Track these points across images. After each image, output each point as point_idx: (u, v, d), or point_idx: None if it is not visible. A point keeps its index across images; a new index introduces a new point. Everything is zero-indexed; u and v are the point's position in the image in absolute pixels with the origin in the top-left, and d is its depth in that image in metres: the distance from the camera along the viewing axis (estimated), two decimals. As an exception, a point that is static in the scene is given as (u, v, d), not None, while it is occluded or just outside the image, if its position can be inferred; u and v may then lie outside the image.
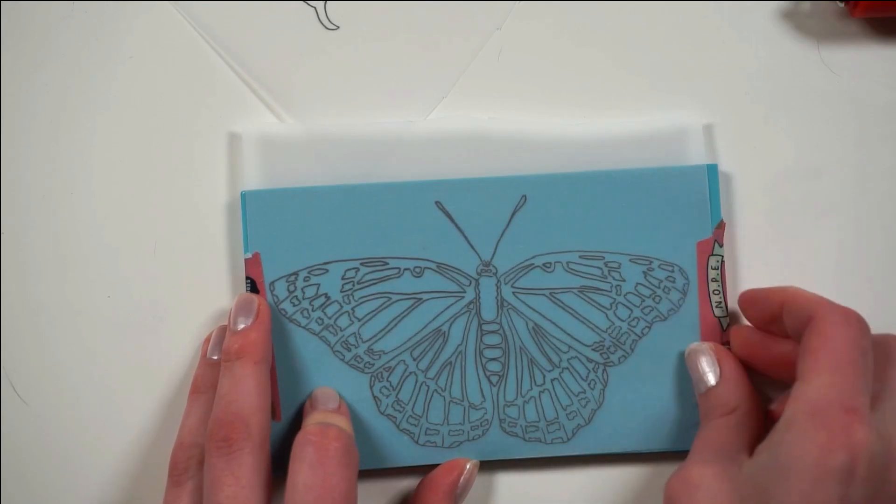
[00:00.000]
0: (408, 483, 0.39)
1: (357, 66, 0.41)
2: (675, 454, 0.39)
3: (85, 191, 0.40)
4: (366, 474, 0.39)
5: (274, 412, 0.38)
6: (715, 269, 0.39)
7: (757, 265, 0.40)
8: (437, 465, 0.38)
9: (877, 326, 0.36)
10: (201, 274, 0.40)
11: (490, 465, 0.39)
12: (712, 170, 0.39)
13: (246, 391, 0.35)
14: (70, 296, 0.40)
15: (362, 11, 0.41)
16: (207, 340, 0.38)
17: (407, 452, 0.39)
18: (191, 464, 0.35)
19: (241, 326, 0.36)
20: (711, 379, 0.36)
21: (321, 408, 0.37)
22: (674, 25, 0.41)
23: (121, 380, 0.39)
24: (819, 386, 0.31)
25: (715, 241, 0.39)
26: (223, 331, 0.38)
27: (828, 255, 0.40)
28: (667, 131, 0.40)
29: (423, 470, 0.39)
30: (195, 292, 0.40)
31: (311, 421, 0.36)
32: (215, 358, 0.38)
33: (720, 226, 0.39)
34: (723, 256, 0.39)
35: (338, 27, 0.41)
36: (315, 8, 0.41)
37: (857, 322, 0.33)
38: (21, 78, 0.40)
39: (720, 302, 0.39)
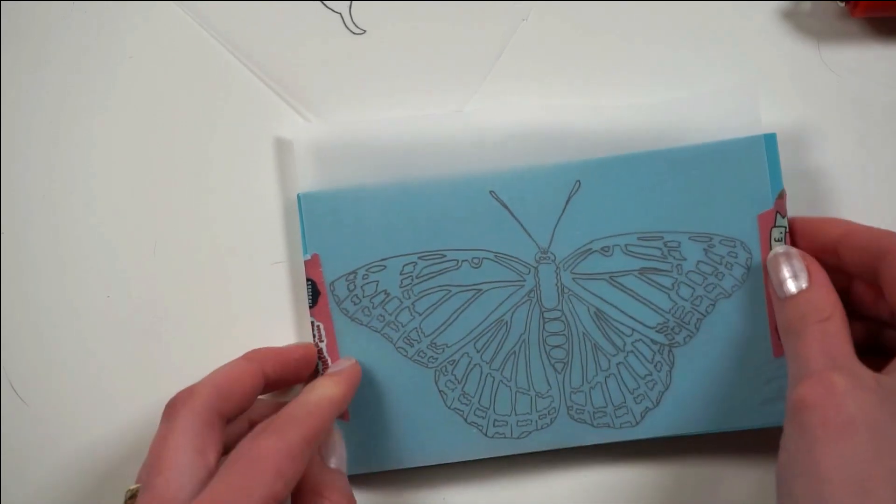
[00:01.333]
0: (479, 476, 0.39)
1: (385, 68, 0.41)
2: (748, 433, 0.39)
3: (85, 191, 0.40)
4: (437, 469, 0.39)
5: (342, 413, 0.38)
6: (779, 240, 0.38)
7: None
8: (508, 455, 0.38)
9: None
10: (203, 274, 0.40)
11: (559, 454, 0.39)
12: (770, 139, 0.38)
13: (214, 374, 0.34)
14: (69, 296, 0.40)
15: (387, 14, 0.41)
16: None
17: (477, 445, 0.38)
18: None
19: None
20: (803, 282, 0.35)
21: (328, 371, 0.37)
22: (674, 25, 0.41)
23: (121, 380, 0.39)
24: None
25: (777, 212, 0.38)
26: None
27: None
28: (719, 104, 0.39)
29: (494, 462, 0.39)
30: (195, 292, 0.40)
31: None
32: None
33: (781, 195, 0.38)
34: (787, 227, 0.38)
35: (364, 31, 0.41)
36: (340, 13, 0.41)
37: None
38: (21, 78, 0.41)
39: (785, 275, 0.38)
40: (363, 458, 0.38)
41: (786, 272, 0.35)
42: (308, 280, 0.39)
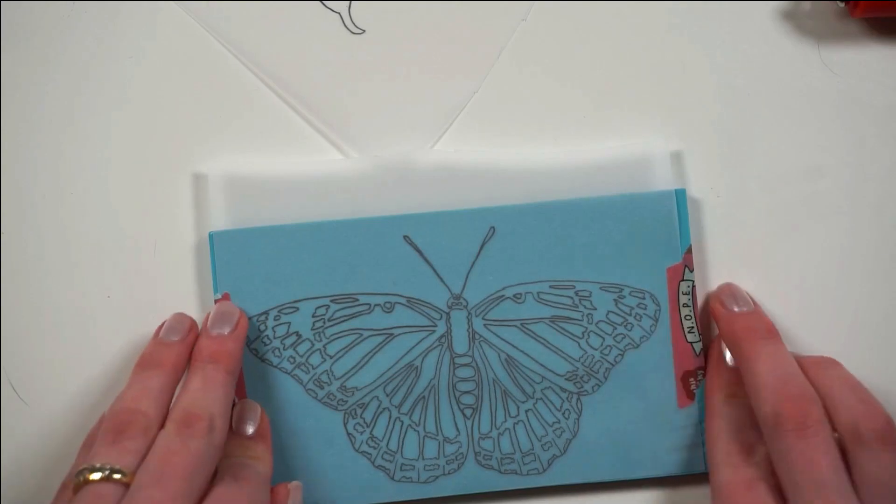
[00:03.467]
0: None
1: (385, 68, 0.41)
2: (651, 481, 0.39)
3: (85, 191, 0.40)
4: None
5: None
6: (686, 294, 0.39)
7: (757, 263, 0.40)
8: (414, 500, 0.39)
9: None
10: (202, 273, 0.40)
11: (467, 499, 0.39)
12: (680, 195, 0.39)
13: (215, 395, 0.34)
14: (70, 295, 0.39)
15: (387, 14, 0.41)
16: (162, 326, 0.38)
17: (383, 489, 0.38)
18: (135, 425, 0.33)
19: (216, 333, 0.36)
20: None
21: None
22: (674, 24, 0.41)
23: (120, 380, 0.39)
24: None
25: (685, 266, 0.39)
26: (180, 317, 0.38)
27: (827, 256, 0.40)
28: (634, 158, 0.40)
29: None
30: (195, 292, 0.40)
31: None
32: (170, 339, 0.37)
33: (689, 251, 0.39)
34: (693, 281, 0.39)
35: (363, 31, 0.40)
36: (339, 13, 0.40)
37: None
38: (22, 78, 0.40)
39: (692, 327, 0.39)
40: (269, 500, 0.38)
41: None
42: (218, 319, 0.38)
